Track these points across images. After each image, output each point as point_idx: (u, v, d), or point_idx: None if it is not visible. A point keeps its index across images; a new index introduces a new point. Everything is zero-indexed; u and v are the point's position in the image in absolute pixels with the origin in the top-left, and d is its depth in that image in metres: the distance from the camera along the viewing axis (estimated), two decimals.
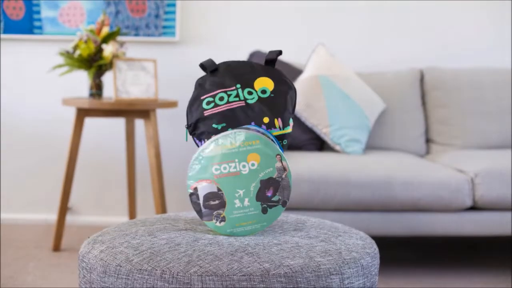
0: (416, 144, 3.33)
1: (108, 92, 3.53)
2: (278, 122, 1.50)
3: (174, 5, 3.60)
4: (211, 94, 1.53)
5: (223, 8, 3.67)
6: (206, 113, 1.51)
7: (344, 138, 3.09)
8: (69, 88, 3.65)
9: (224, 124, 1.49)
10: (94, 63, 3.12)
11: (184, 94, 3.67)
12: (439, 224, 2.74)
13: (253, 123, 1.49)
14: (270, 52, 1.59)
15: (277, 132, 1.50)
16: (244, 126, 1.50)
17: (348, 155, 3.01)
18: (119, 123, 3.67)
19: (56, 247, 3.10)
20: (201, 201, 1.48)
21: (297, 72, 3.32)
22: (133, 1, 3.59)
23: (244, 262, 1.34)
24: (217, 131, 1.49)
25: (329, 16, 3.68)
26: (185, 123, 1.56)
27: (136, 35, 3.61)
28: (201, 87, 1.56)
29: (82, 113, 3.09)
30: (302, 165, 2.74)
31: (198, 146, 1.53)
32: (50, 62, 3.64)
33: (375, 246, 1.55)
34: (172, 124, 3.68)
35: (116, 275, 1.38)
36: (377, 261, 1.52)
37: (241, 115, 1.50)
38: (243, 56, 3.65)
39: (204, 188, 1.48)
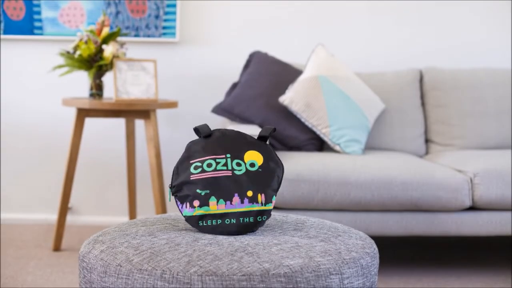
0: (416, 144, 3.33)
1: (109, 92, 3.53)
2: (261, 198, 1.54)
3: (174, 5, 3.60)
4: (200, 159, 1.57)
5: (223, 8, 3.67)
6: (192, 177, 1.55)
7: (344, 138, 3.09)
8: (69, 89, 3.66)
9: (207, 191, 1.53)
10: (95, 64, 3.12)
11: (184, 94, 3.67)
12: (438, 224, 2.74)
13: (236, 194, 1.53)
14: (264, 128, 1.63)
15: (258, 207, 1.54)
16: None
17: (348, 155, 3.01)
18: (119, 123, 3.68)
19: (57, 247, 3.11)
20: None
21: (297, 72, 3.32)
22: (133, 2, 3.59)
23: (244, 262, 1.35)
24: (200, 197, 1.53)
25: (329, 17, 3.69)
26: (170, 183, 1.61)
27: (136, 35, 3.61)
28: (192, 150, 1.60)
29: (83, 113, 3.09)
30: (302, 165, 2.75)
31: (179, 209, 1.58)
32: (50, 63, 3.64)
33: (374, 246, 1.56)
34: (172, 124, 3.69)
35: (116, 275, 1.38)
36: (376, 261, 1.53)
37: (226, 185, 1.54)
38: (243, 56, 3.65)
39: None
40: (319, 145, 3.22)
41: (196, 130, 1.61)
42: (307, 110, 3.11)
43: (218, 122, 3.63)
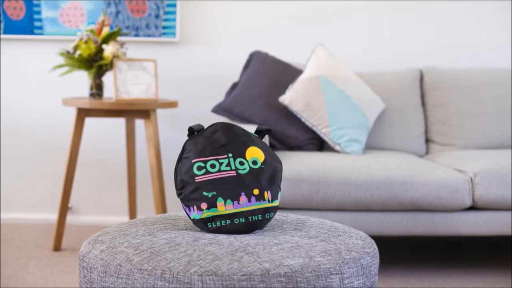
0: (416, 144, 3.33)
1: (109, 92, 3.53)
2: (267, 195, 1.54)
3: (174, 5, 3.60)
4: (202, 159, 1.55)
5: (223, 8, 3.67)
6: (197, 180, 1.53)
7: (344, 138, 3.09)
8: (69, 88, 3.66)
9: (214, 193, 1.52)
10: (95, 63, 3.12)
11: (184, 94, 3.67)
12: (438, 224, 2.74)
13: (243, 193, 1.52)
14: (260, 127, 1.63)
15: (265, 205, 1.54)
16: None
17: (348, 155, 3.01)
18: (119, 123, 3.68)
19: (57, 247, 3.11)
20: None
21: (297, 72, 3.32)
22: (133, 1, 3.59)
23: (244, 261, 1.35)
24: (207, 199, 1.52)
25: (329, 17, 3.68)
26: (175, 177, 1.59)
27: (136, 35, 3.61)
28: (193, 148, 1.56)
29: (83, 113, 3.09)
30: (302, 165, 2.74)
31: (186, 213, 1.56)
32: (50, 62, 3.64)
33: (374, 245, 1.56)
34: (172, 124, 3.68)
35: (116, 275, 1.38)
36: (376, 260, 1.52)
37: (232, 185, 1.52)
38: (243, 56, 3.65)
39: None
40: (319, 145, 3.22)
41: (191, 129, 1.58)
42: (307, 110, 3.11)
43: None
